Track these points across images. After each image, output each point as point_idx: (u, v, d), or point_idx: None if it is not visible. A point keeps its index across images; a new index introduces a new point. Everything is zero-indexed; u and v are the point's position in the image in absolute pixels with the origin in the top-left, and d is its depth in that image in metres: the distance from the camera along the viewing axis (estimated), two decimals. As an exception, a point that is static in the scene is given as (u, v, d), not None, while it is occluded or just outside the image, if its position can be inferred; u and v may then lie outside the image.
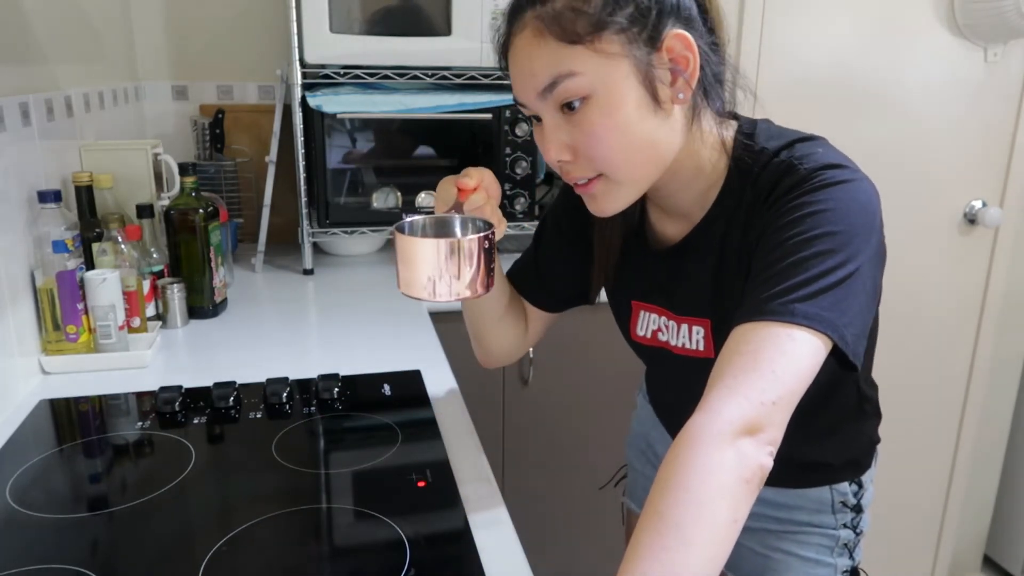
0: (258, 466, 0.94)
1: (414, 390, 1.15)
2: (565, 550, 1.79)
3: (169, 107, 1.91)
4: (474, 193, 0.81)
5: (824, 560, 0.93)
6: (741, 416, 0.58)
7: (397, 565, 0.74)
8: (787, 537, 0.94)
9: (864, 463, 0.93)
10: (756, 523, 0.95)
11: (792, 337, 0.61)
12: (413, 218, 0.76)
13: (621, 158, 0.71)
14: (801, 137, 0.75)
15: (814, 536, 0.93)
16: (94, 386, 1.16)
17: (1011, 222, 2.16)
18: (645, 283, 0.88)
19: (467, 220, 0.77)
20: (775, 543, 0.94)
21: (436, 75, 1.70)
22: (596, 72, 0.67)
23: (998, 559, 2.32)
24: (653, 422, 1.06)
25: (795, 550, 0.93)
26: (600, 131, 0.69)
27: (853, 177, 0.69)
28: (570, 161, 0.73)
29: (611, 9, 0.67)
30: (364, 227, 1.73)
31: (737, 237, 0.76)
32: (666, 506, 0.55)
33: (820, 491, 0.91)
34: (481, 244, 0.71)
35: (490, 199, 0.83)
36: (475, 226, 0.76)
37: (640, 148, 0.71)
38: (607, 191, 0.74)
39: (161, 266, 1.40)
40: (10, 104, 1.12)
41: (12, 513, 0.83)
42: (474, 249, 0.71)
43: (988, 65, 2.02)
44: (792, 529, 0.93)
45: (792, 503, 0.92)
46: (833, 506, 0.91)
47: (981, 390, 2.22)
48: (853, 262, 0.64)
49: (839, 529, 0.92)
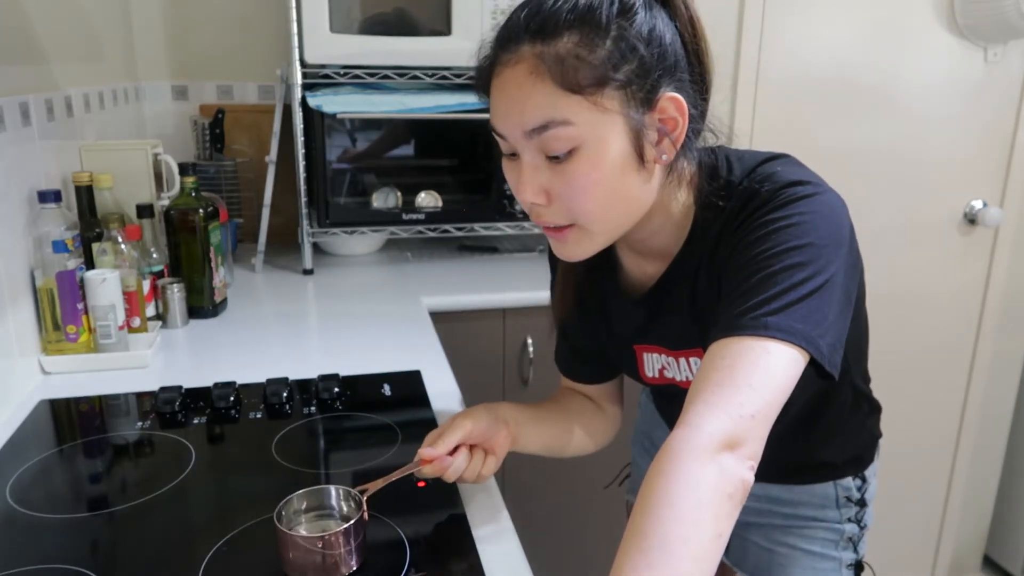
0: (258, 466, 0.94)
1: (414, 390, 1.15)
2: (565, 550, 1.79)
3: (169, 107, 1.91)
4: (453, 458, 0.81)
5: (829, 554, 0.94)
6: (721, 430, 0.57)
7: (397, 565, 0.74)
8: (792, 531, 0.95)
9: (867, 458, 0.94)
10: (761, 518, 0.96)
11: (767, 350, 0.61)
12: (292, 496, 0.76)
13: (599, 211, 0.70)
14: (763, 159, 0.75)
15: (819, 530, 0.94)
16: (94, 386, 1.16)
17: (1011, 222, 2.16)
18: (633, 327, 0.87)
19: (342, 493, 0.78)
20: (780, 537, 0.95)
21: (436, 75, 1.70)
22: (590, 125, 0.66)
23: (998, 559, 2.32)
24: (657, 420, 1.07)
25: (800, 544, 0.94)
26: (583, 183, 0.68)
27: (816, 191, 0.69)
28: (544, 205, 0.71)
29: (616, 63, 0.65)
30: (364, 227, 1.73)
31: (707, 267, 0.75)
32: (650, 524, 0.54)
33: (824, 487, 0.92)
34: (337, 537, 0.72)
35: (475, 454, 0.83)
36: (348, 504, 0.78)
37: (619, 202, 0.70)
38: (579, 239, 0.73)
39: (161, 266, 1.40)
40: (10, 104, 1.12)
41: (12, 513, 0.83)
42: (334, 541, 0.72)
43: (988, 65, 2.02)
44: (797, 524, 0.94)
45: (797, 499, 0.93)
46: (837, 501, 0.92)
47: (981, 390, 2.23)
48: (823, 273, 0.65)
49: (844, 523, 0.93)
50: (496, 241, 1.99)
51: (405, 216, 1.73)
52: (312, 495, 0.78)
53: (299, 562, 0.71)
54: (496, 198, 1.75)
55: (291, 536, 0.72)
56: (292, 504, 0.76)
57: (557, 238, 0.74)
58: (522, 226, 1.79)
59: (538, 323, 1.64)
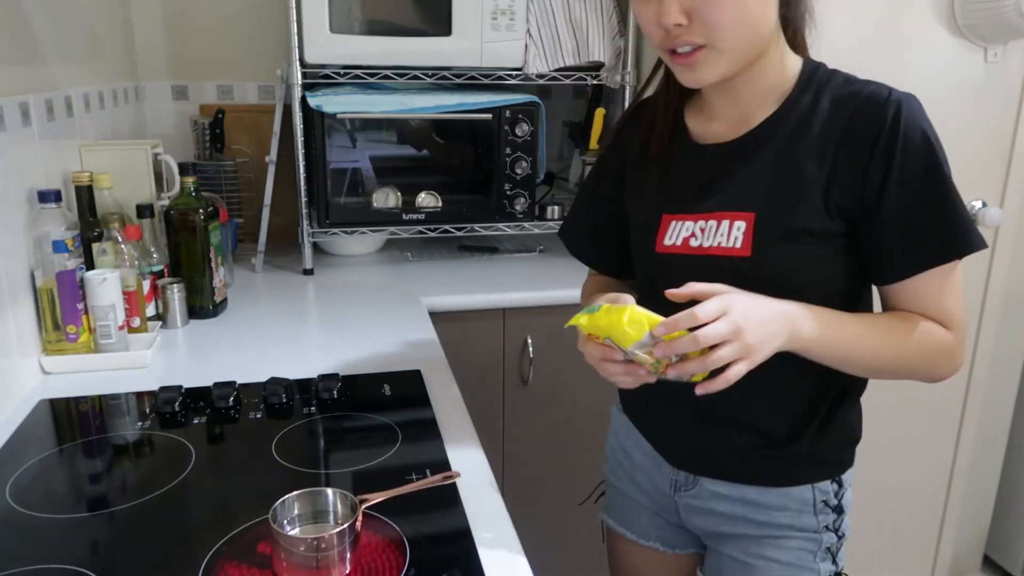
0: (258, 466, 0.94)
1: (414, 390, 1.15)
2: (565, 550, 1.79)
3: (169, 107, 1.92)
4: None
5: (807, 565, 0.92)
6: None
7: (397, 565, 0.74)
8: (768, 543, 0.93)
9: (846, 460, 0.93)
10: (737, 527, 0.94)
11: (955, 269, 0.79)
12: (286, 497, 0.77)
13: (733, 28, 0.77)
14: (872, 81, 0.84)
15: (796, 540, 0.92)
16: (94, 386, 1.16)
17: (1011, 222, 2.16)
18: (685, 187, 0.89)
19: (339, 496, 0.78)
20: (756, 550, 0.93)
21: (436, 75, 1.70)
22: None
23: (998, 559, 2.32)
24: (627, 430, 1.05)
25: (777, 556, 0.92)
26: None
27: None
28: (684, 26, 0.77)
29: None
30: (364, 227, 1.73)
31: (811, 144, 0.81)
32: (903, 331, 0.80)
33: (802, 490, 0.91)
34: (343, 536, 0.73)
35: None
36: (344, 504, 0.78)
37: (750, 23, 0.78)
38: (708, 60, 0.79)
39: (161, 266, 1.40)
40: (10, 104, 1.12)
41: (12, 513, 0.83)
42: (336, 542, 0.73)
43: (988, 65, 2.02)
44: (774, 534, 0.92)
45: (774, 503, 0.91)
46: (815, 506, 0.91)
47: (981, 390, 2.22)
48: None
49: (821, 532, 0.92)
50: (496, 241, 1.99)
51: (405, 216, 1.73)
52: (308, 497, 0.78)
53: (292, 563, 0.71)
54: (496, 198, 1.75)
55: (284, 536, 0.72)
56: (288, 505, 0.76)
57: (687, 63, 0.80)
58: (522, 226, 1.79)
59: (538, 323, 1.64)
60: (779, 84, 0.85)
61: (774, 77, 0.85)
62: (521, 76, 1.77)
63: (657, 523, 1.04)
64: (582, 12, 1.74)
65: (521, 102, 1.71)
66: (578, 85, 2.04)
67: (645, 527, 1.05)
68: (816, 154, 0.80)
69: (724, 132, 0.88)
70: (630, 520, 1.06)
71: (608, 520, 1.11)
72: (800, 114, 0.83)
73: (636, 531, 1.06)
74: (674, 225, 0.89)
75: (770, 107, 0.85)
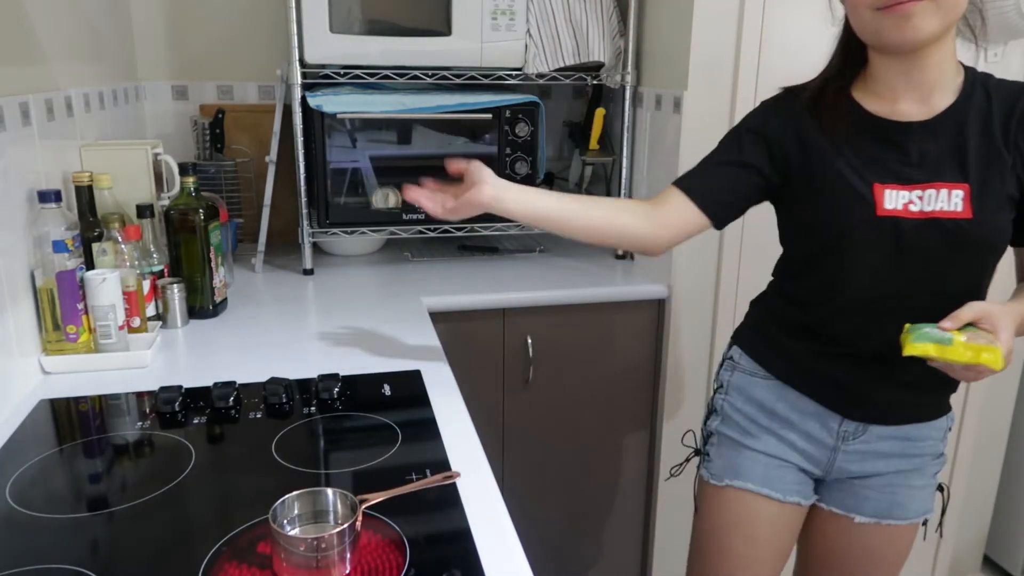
0: (258, 466, 0.94)
1: (414, 390, 1.15)
2: (565, 550, 1.79)
3: (169, 107, 1.92)
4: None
5: (931, 483, 1.11)
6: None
7: (397, 565, 0.74)
8: (914, 474, 1.09)
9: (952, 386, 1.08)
10: (891, 466, 1.08)
11: None
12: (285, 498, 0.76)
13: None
14: None
15: (933, 465, 1.10)
16: (94, 386, 1.16)
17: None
18: (893, 159, 0.98)
19: (339, 496, 0.78)
20: (902, 481, 1.09)
21: (436, 75, 1.70)
22: None
23: (998, 559, 2.32)
24: (778, 395, 1.11)
25: (918, 482, 1.10)
26: None
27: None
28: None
29: None
30: (364, 227, 1.73)
31: (996, 128, 0.95)
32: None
33: (943, 420, 1.09)
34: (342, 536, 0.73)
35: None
36: (344, 504, 0.77)
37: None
38: (925, 12, 0.87)
39: (161, 266, 1.40)
40: (10, 104, 1.12)
41: (12, 513, 0.83)
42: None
43: (988, 65, 2.02)
44: (919, 465, 1.09)
45: (925, 435, 1.08)
46: (945, 432, 1.09)
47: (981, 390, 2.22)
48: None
49: (944, 453, 1.11)
50: (496, 241, 1.99)
51: (405, 216, 1.73)
52: (308, 497, 0.78)
53: (292, 563, 0.71)
54: (496, 198, 1.75)
55: (284, 536, 0.72)
56: (288, 505, 0.76)
57: (904, 10, 0.87)
58: (522, 226, 1.79)
59: (538, 323, 1.64)
60: (954, 74, 0.97)
61: (949, 64, 0.96)
62: (521, 76, 1.77)
63: (799, 478, 1.12)
64: (582, 12, 1.74)
65: (521, 102, 1.71)
66: (578, 85, 2.04)
67: (790, 483, 1.12)
68: (1001, 137, 0.95)
69: (914, 112, 0.98)
70: (773, 479, 1.12)
71: (739, 483, 1.13)
72: (979, 102, 0.96)
73: (779, 488, 1.12)
74: (889, 193, 0.97)
75: (948, 94, 0.97)
